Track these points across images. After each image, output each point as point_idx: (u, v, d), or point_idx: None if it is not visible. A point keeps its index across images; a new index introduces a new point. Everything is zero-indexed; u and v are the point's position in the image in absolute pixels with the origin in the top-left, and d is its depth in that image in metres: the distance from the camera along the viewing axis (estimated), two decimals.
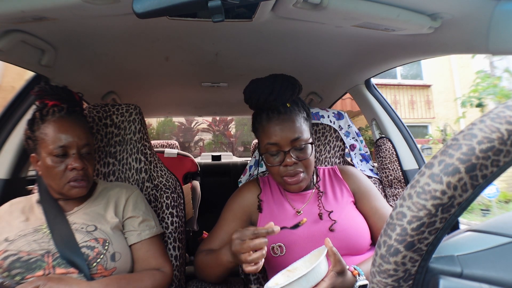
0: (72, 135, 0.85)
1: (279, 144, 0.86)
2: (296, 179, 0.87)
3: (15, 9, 0.74)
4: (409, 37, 0.98)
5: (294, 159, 0.86)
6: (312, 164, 0.90)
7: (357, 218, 0.90)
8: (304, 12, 0.82)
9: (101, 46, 1.12)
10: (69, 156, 0.85)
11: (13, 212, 0.87)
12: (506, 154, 0.26)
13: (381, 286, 0.32)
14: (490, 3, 0.77)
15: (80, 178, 0.85)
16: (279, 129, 0.85)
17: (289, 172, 0.87)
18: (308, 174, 0.90)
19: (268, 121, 0.87)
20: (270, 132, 0.86)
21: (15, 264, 0.74)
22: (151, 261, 0.90)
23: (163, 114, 2.84)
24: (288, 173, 0.87)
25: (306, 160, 0.87)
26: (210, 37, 1.09)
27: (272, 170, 0.90)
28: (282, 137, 0.85)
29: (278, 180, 0.92)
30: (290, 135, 0.85)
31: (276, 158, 0.88)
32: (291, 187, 0.90)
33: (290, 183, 0.88)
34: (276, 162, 0.88)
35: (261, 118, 0.90)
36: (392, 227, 0.30)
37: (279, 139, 0.85)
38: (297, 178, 0.87)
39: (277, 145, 0.86)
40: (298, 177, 0.87)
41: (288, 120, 0.86)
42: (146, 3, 0.54)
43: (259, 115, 0.91)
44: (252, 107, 0.92)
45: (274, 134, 0.86)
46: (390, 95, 8.29)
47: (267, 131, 0.87)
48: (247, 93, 0.91)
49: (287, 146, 0.86)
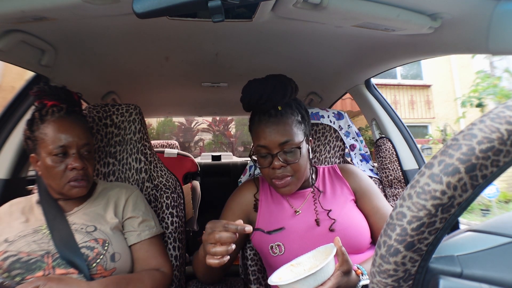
0: (72, 135, 0.85)
1: (267, 147, 0.86)
2: (284, 183, 0.87)
3: (15, 9, 0.74)
4: (409, 37, 0.98)
5: (282, 162, 0.86)
6: (302, 168, 0.89)
7: (356, 216, 0.90)
8: (304, 12, 0.82)
9: (101, 46, 1.12)
10: (69, 156, 0.85)
11: (13, 212, 0.87)
12: (506, 154, 0.26)
13: (381, 286, 0.32)
14: (490, 3, 0.77)
15: (80, 177, 0.85)
16: (268, 131, 0.86)
17: (276, 175, 0.87)
18: (298, 178, 0.89)
19: (259, 123, 0.88)
20: (260, 135, 0.87)
21: (15, 264, 0.74)
22: (151, 261, 0.90)
23: (163, 114, 2.83)
24: (276, 176, 0.87)
25: (295, 164, 0.86)
26: (210, 37, 1.09)
27: (263, 172, 0.91)
28: (270, 140, 0.85)
29: (269, 182, 0.92)
30: (279, 138, 0.85)
31: (266, 160, 0.88)
32: (279, 190, 0.91)
33: (278, 185, 0.88)
34: (266, 164, 0.88)
35: (254, 120, 0.91)
36: (392, 227, 0.30)
37: (268, 142, 0.86)
38: (284, 182, 0.87)
39: (266, 148, 0.87)
40: (286, 180, 0.87)
41: (278, 123, 0.86)
42: (146, 3, 0.54)
43: (252, 117, 0.92)
44: (245, 108, 0.92)
45: (263, 136, 0.86)
46: (390, 95, 8.29)
47: (257, 133, 0.88)
48: (242, 94, 0.91)
49: (275, 149, 0.86)
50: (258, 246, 0.93)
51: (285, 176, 0.87)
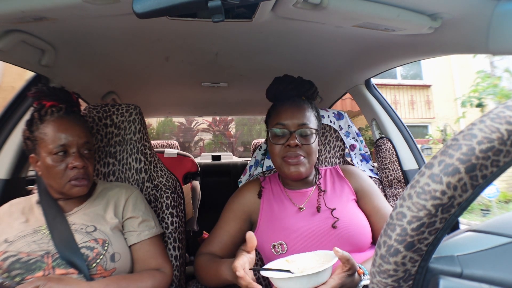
0: (72, 134, 0.85)
1: (286, 125, 0.92)
2: (296, 160, 0.90)
3: (15, 9, 0.74)
4: (409, 37, 0.98)
5: (297, 141, 0.89)
6: (314, 153, 0.93)
7: (358, 215, 0.91)
8: (304, 12, 0.82)
9: (101, 46, 1.12)
10: (70, 155, 0.85)
11: (13, 213, 0.87)
12: (506, 154, 0.26)
13: (381, 286, 0.32)
14: (490, 3, 0.77)
15: (81, 176, 0.85)
16: (290, 111, 0.93)
17: (290, 153, 0.90)
18: (309, 162, 0.92)
19: (282, 105, 0.96)
20: (281, 114, 0.94)
21: (15, 265, 0.74)
22: (151, 262, 0.90)
23: (163, 114, 2.84)
24: (289, 154, 0.90)
25: (308, 146, 0.91)
26: (210, 37, 1.09)
27: (274, 149, 0.93)
28: (291, 120, 0.92)
29: (278, 163, 0.93)
30: (298, 119, 0.92)
31: (281, 138, 0.92)
32: (290, 169, 0.90)
33: (290, 163, 0.90)
34: (281, 141, 0.92)
35: (276, 105, 0.98)
36: (392, 227, 0.30)
37: (288, 121, 0.92)
38: (297, 160, 0.90)
39: (284, 126, 0.92)
40: (298, 158, 0.90)
41: (300, 108, 0.94)
42: (146, 3, 0.54)
43: (275, 104, 1.00)
44: (270, 96, 1.03)
45: (285, 115, 0.93)
46: (390, 95, 8.29)
47: (278, 112, 0.95)
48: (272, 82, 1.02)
49: (293, 127, 0.91)
50: (260, 245, 0.93)
51: (298, 155, 0.90)
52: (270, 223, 0.92)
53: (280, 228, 0.89)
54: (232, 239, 0.95)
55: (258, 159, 1.29)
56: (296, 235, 0.87)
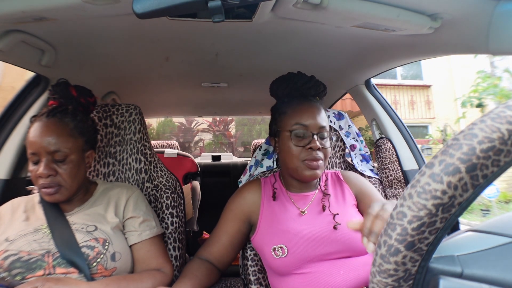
0: (40, 141, 0.80)
1: (308, 127, 0.89)
2: (317, 164, 0.88)
3: (15, 9, 0.74)
4: (409, 37, 0.98)
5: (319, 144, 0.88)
6: (328, 156, 0.92)
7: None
8: (304, 12, 0.82)
9: (101, 46, 1.12)
10: (41, 162, 0.81)
11: (15, 211, 0.87)
12: (507, 154, 0.26)
13: (381, 286, 0.32)
14: (490, 3, 0.77)
15: (48, 185, 0.81)
16: (312, 112, 0.90)
17: (312, 155, 0.88)
18: (324, 165, 0.92)
19: (301, 103, 0.92)
20: (303, 113, 0.90)
21: (15, 264, 0.74)
22: (152, 262, 0.90)
23: (163, 114, 2.83)
24: (311, 157, 0.88)
25: (326, 150, 0.90)
26: (210, 37, 1.09)
27: (293, 151, 0.89)
28: (313, 121, 0.89)
29: (296, 164, 0.90)
30: (320, 122, 0.90)
31: (302, 140, 0.90)
32: (308, 173, 0.89)
33: (312, 166, 0.88)
34: (301, 144, 0.89)
35: (292, 102, 0.93)
36: (392, 227, 0.30)
37: (311, 122, 0.89)
38: (317, 163, 0.88)
39: (306, 127, 0.89)
40: (318, 162, 0.89)
41: (319, 109, 0.92)
42: (146, 3, 0.54)
43: (289, 100, 0.95)
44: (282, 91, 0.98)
45: (306, 116, 0.89)
46: (390, 95, 8.28)
47: (299, 112, 0.91)
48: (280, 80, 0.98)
49: (315, 129, 0.89)
50: (259, 247, 0.93)
51: (319, 159, 0.89)
52: (271, 225, 0.91)
53: (281, 231, 0.88)
54: (231, 240, 0.95)
55: (258, 159, 1.29)
56: (297, 239, 0.86)
